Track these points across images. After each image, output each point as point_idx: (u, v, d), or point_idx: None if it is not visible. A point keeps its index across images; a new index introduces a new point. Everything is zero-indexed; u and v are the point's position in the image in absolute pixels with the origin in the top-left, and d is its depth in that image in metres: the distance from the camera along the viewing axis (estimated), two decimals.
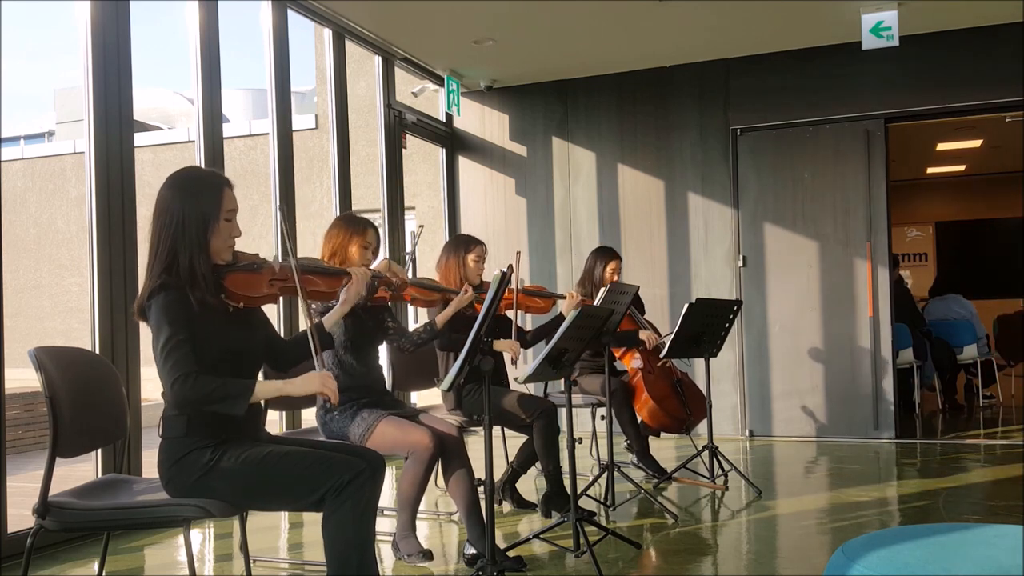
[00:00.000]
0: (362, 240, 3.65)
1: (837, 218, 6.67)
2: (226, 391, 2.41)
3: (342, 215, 3.91)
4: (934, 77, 6.44)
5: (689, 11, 5.89)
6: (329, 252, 3.67)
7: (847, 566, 1.71)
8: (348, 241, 3.65)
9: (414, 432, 3.48)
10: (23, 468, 6.25)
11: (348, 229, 3.68)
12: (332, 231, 3.71)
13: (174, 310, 2.43)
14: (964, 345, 8.26)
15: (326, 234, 3.72)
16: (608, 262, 5.21)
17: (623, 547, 3.78)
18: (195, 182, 2.60)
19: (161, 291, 2.45)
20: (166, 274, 2.48)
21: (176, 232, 2.50)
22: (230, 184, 2.64)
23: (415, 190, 8.94)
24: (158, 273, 2.49)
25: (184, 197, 2.54)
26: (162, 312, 2.43)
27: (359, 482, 2.45)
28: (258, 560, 3.71)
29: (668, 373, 5.21)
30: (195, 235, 2.51)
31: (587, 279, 5.22)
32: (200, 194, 2.55)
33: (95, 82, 4.23)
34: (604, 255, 5.25)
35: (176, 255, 2.50)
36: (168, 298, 2.44)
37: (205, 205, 2.54)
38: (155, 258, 2.52)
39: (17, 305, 11.97)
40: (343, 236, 3.66)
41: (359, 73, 8.63)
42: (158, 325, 2.43)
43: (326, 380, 2.51)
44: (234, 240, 2.62)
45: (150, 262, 2.53)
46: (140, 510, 2.51)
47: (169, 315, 2.42)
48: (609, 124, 7.29)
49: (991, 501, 4.63)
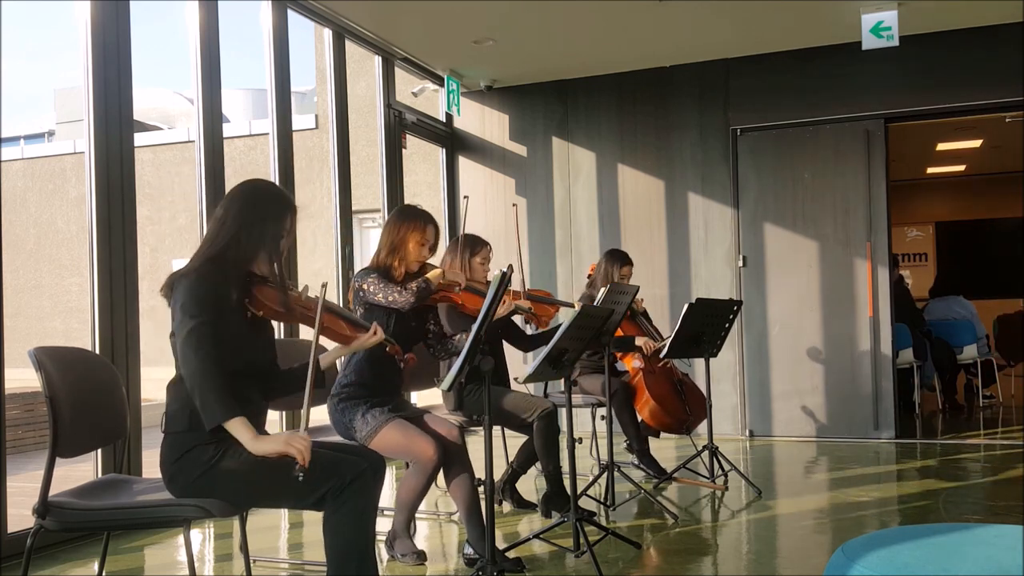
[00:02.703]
0: (421, 236, 3.63)
1: (837, 218, 6.67)
2: (220, 398, 2.39)
3: (403, 206, 3.80)
4: (934, 77, 6.44)
5: (689, 11, 5.89)
6: (388, 244, 3.65)
7: (847, 566, 1.71)
8: (408, 235, 3.63)
9: (419, 441, 3.45)
10: (23, 468, 6.25)
11: (410, 222, 3.65)
12: (393, 222, 3.68)
13: (204, 293, 2.47)
14: (964, 345, 8.26)
15: (385, 226, 3.71)
16: (622, 267, 5.23)
17: (623, 547, 3.78)
18: (274, 198, 2.70)
19: (195, 273, 2.50)
20: (209, 263, 2.54)
21: (238, 234, 2.58)
22: (295, 209, 2.73)
23: (415, 190, 8.93)
24: (203, 259, 2.55)
25: (255, 214, 2.61)
26: (193, 291, 2.46)
27: (360, 482, 2.45)
28: (258, 560, 3.70)
29: (669, 373, 5.22)
30: (255, 244, 2.60)
31: (600, 282, 5.19)
32: (268, 215, 2.63)
33: (95, 82, 4.23)
34: (618, 259, 5.26)
35: (226, 252, 2.57)
36: (201, 281, 2.48)
37: (269, 227, 2.63)
38: (208, 246, 2.59)
39: (17, 305, 11.97)
40: (404, 229, 3.64)
41: (359, 73, 8.63)
42: (188, 301, 2.45)
43: (292, 440, 2.40)
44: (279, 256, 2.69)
45: (202, 246, 2.61)
46: (140, 510, 2.51)
47: (199, 296, 2.46)
48: (609, 124, 7.29)
49: (991, 501, 4.62)
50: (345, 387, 3.57)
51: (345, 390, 3.57)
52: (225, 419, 2.40)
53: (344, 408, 3.56)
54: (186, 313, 2.44)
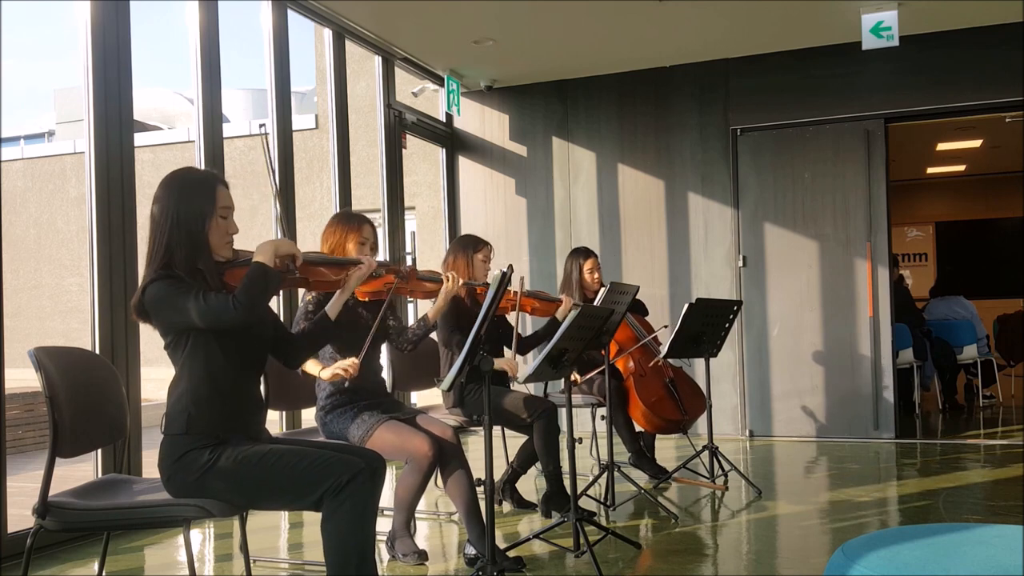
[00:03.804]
0: (358, 236, 3.64)
1: (837, 218, 6.67)
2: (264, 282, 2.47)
3: (338, 212, 3.90)
4: (934, 77, 6.44)
5: (689, 11, 5.89)
6: (327, 250, 3.67)
7: (847, 566, 1.71)
8: (344, 238, 3.64)
9: (414, 439, 3.46)
10: (23, 468, 6.25)
11: (344, 225, 3.67)
12: (328, 228, 3.71)
13: (178, 284, 2.45)
14: (964, 345, 8.26)
15: (323, 232, 3.72)
16: (583, 261, 5.16)
17: (623, 547, 3.78)
18: (189, 181, 2.60)
19: (157, 279, 2.46)
20: (164, 270, 2.49)
21: (172, 231, 2.51)
22: (224, 182, 2.65)
23: (415, 190, 8.94)
24: (155, 270, 2.49)
25: (179, 196, 2.54)
26: (167, 289, 2.44)
27: (358, 482, 2.44)
28: (258, 560, 3.70)
29: (660, 374, 5.15)
30: (191, 233, 2.51)
31: (566, 284, 5.16)
32: (194, 192, 2.56)
33: (95, 82, 4.23)
34: (578, 255, 5.18)
35: (172, 253, 2.50)
36: (167, 281, 2.45)
37: (200, 203, 2.54)
38: (151, 258, 2.53)
39: (17, 305, 11.97)
40: (340, 233, 3.66)
41: (359, 73, 8.63)
42: (166, 297, 2.43)
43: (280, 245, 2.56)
44: (231, 237, 2.62)
45: (147, 262, 2.54)
46: (140, 510, 2.51)
47: (176, 288, 2.44)
48: (609, 124, 7.29)
49: (991, 501, 4.62)
50: (329, 397, 3.59)
51: (330, 400, 3.59)
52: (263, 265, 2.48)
53: (333, 418, 3.57)
54: (175, 307, 2.43)
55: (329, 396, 3.59)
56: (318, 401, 3.64)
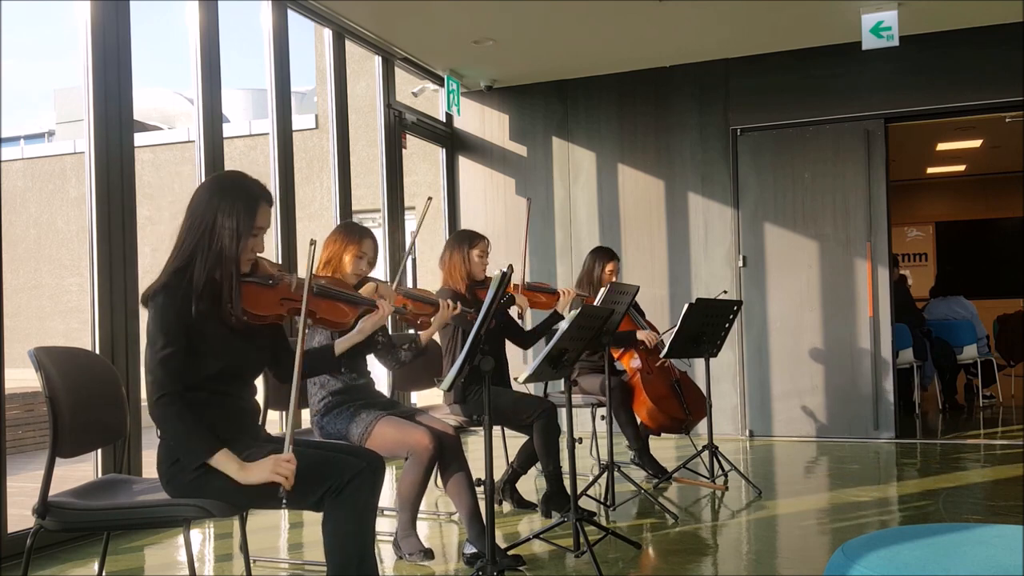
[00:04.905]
0: (357, 250, 3.63)
1: (837, 218, 6.67)
2: (189, 442, 2.39)
3: (342, 223, 3.89)
4: (934, 77, 6.44)
5: (689, 11, 5.89)
6: (325, 259, 3.66)
7: (847, 566, 1.71)
8: (343, 249, 3.64)
9: (414, 432, 3.48)
10: (23, 468, 6.25)
11: (345, 237, 3.66)
12: (330, 237, 3.71)
13: (171, 318, 2.40)
14: (964, 345, 8.26)
15: (325, 241, 3.71)
16: (607, 263, 5.22)
17: (623, 547, 3.78)
18: (236, 191, 2.52)
19: (163, 292, 2.43)
20: (176, 275, 2.46)
21: (201, 238, 2.48)
22: (269, 200, 2.59)
23: (415, 190, 8.93)
24: (171, 271, 2.48)
25: (219, 205, 2.49)
26: (160, 317, 2.41)
27: (358, 482, 2.44)
28: (258, 560, 3.70)
29: (667, 373, 5.20)
30: (220, 247, 2.47)
31: (586, 279, 5.23)
32: (235, 205, 2.49)
33: (95, 82, 4.23)
34: (602, 256, 5.26)
35: (194, 260, 2.47)
36: (168, 302, 2.42)
37: (238, 219, 2.48)
38: (175, 255, 2.51)
39: (17, 305, 11.97)
40: (339, 244, 3.66)
41: (359, 73, 8.63)
42: (155, 330, 2.42)
43: (277, 467, 2.36)
44: (255, 254, 2.58)
45: (171, 256, 2.51)
46: (140, 510, 2.51)
47: (166, 323, 2.40)
48: (609, 124, 7.29)
49: (991, 501, 4.62)
50: (323, 400, 3.59)
51: (323, 403, 3.59)
52: (201, 460, 2.39)
53: (331, 419, 3.57)
54: (153, 344, 2.40)
55: (323, 399, 3.60)
56: (312, 405, 3.64)
